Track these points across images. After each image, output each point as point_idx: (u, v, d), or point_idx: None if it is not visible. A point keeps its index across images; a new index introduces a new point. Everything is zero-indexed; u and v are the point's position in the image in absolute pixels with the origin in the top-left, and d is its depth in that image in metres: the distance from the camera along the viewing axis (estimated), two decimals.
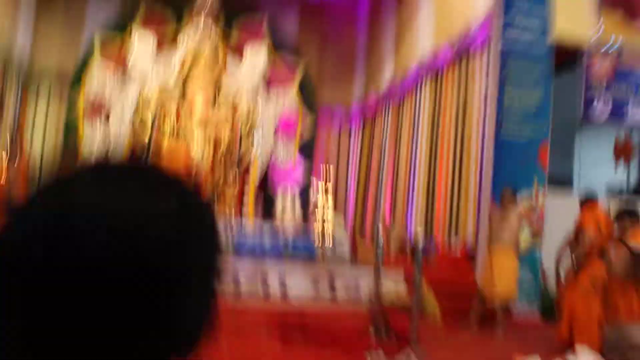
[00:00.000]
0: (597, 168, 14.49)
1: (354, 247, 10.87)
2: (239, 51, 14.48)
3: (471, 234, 10.53)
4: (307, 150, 15.46)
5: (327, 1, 17.01)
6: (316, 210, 10.09)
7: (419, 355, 5.78)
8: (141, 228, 0.61)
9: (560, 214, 8.29)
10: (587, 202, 7.38)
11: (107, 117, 13.92)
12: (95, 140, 13.92)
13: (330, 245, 10.49)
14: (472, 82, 11.08)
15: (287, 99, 14.84)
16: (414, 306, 6.27)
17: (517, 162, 9.21)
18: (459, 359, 6.05)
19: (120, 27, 14.42)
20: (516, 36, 9.54)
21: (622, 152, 11.92)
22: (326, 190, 9.72)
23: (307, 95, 15.50)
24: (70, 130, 14.49)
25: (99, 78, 13.99)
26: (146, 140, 12.68)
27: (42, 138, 15.01)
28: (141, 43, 13.95)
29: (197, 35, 13.44)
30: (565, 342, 6.30)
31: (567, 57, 9.99)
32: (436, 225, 12.11)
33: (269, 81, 15.00)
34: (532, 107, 9.45)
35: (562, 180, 15.26)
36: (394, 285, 8.65)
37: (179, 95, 12.89)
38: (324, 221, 9.65)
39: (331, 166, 16.65)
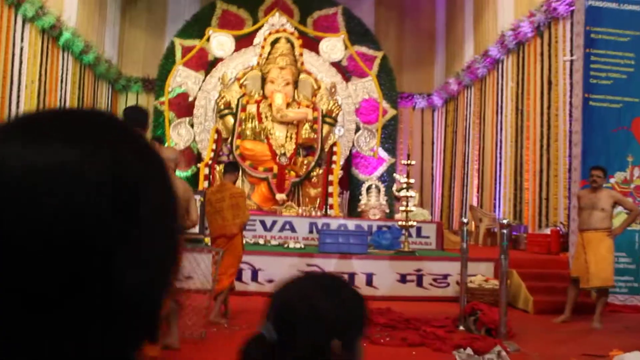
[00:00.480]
0: None
1: (441, 239, 10.65)
2: (315, 45, 14.48)
3: (563, 218, 10.10)
4: (390, 140, 15.29)
5: None
6: (401, 202, 9.93)
7: (509, 351, 5.57)
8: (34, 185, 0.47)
9: None
10: None
11: (191, 122, 14.27)
12: (181, 143, 14.31)
13: (417, 238, 10.32)
14: (556, 53, 10.61)
15: (367, 90, 14.70)
16: (502, 298, 6.04)
17: (608, 137, 8.65)
18: (553, 353, 5.78)
19: (199, 31, 14.73)
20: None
21: None
22: (410, 182, 9.51)
23: (388, 84, 15.31)
24: (159, 134, 14.98)
25: (181, 82, 14.35)
26: (229, 141, 12.87)
27: None
28: (219, 45, 14.20)
29: (273, 33, 13.52)
30: None
31: None
32: (526, 211, 11.70)
33: (348, 73, 14.92)
34: (624, 76, 8.82)
35: None
36: (483, 277, 8.40)
37: (259, 95, 13.02)
38: (408, 213, 9.46)
39: (415, 155, 16.47)
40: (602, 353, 5.42)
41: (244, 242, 7.62)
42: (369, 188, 12.58)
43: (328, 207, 12.14)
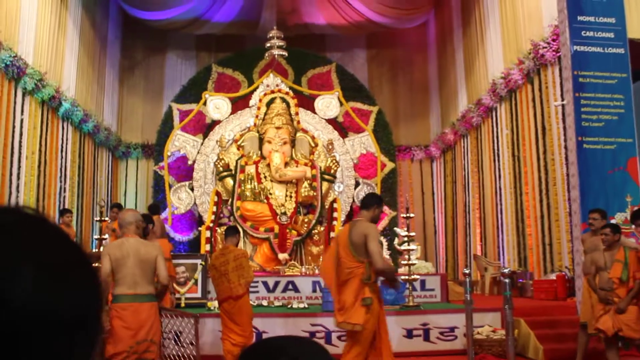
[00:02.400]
0: None
1: (445, 291, 10.52)
2: (311, 104, 14.65)
3: (568, 263, 10.00)
4: (390, 193, 15.30)
5: (395, 39, 17.04)
6: (404, 255, 9.85)
7: None
8: None
9: None
10: None
11: (191, 186, 14.33)
12: (182, 208, 14.33)
13: (421, 291, 10.21)
14: (547, 98, 10.75)
15: (365, 145, 14.80)
16: (509, 349, 5.94)
17: (605, 178, 8.64)
18: None
19: (195, 95, 14.96)
20: (588, 43, 9.04)
21: None
22: (410, 235, 9.47)
23: (385, 138, 15.41)
24: (159, 199, 15.03)
25: (179, 146, 14.49)
26: (230, 203, 12.90)
27: (134, 206, 15.65)
28: (216, 108, 14.40)
29: (269, 94, 13.70)
30: None
31: None
32: (530, 257, 11.61)
33: (345, 129, 15.04)
34: (615, 117, 8.87)
35: None
36: (490, 328, 8.27)
37: (257, 156, 13.10)
38: (411, 266, 9.38)
39: (416, 207, 16.44)
40: None
41: None
42: None
43: None
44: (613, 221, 8.32)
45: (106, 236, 9.18)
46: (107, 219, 9.88)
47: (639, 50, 9.37)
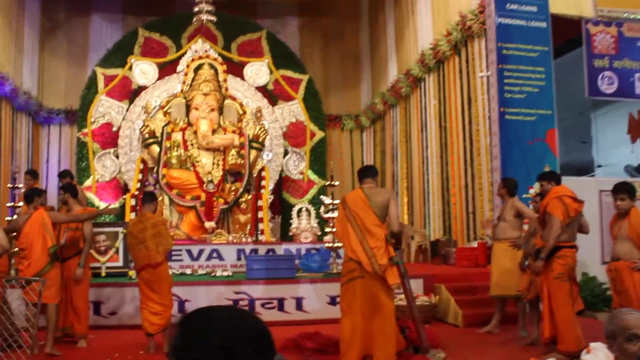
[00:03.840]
0: (616, 150, 14.06)
1: None
2: (240, 71, 14.40)
3: (489, 231, 10.24)
4: (320, 162, 15.29)
5: (328, 7, 16.89)
6: (329, 223, 9.87)
7: None
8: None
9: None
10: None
11: (116, 153, 13.93)
12: (107, 175, 13.94)
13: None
14: (474, 70, 10.91)
15: (294, 113, 14.69)
16: (415, 313, 6.09)
17: (526, 149, 8.86)
18: None
19: (121, 60, 14.45)
20: (512, 16, 9.17)
21: (637, 130, 11.52)
22: (335, 203, 9.48)
23: (315, 106, 15.34)
24: (83, 167, 14.56)
25: (104, 112, 14.02)
26: (155, 171, 12.60)
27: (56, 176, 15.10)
28: (142, 73, 13.96)
29: (196, 59, 13.36)
30: None
31: (568, 34, 9.67)
32: (454, 225, 11.86)
33: (274, 97, 14.88)
34: (536, 89, 9.09)
35: (582, 167, 14.86)
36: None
37: (184, 122, 12.80)
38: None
39: (346, 176, 16.52)
40: None
41: (171, 273, 7.44)
42: (299, 211, 12.48)
43: (259, 232, 11.99)
44: (531, 191, 8.57)
45: (20, 204, 8.82)
46: (20, 185, 9.47)
47: (561, 25, 9.58)
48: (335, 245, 9.33)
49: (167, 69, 14.33)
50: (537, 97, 8.93)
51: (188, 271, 9.92)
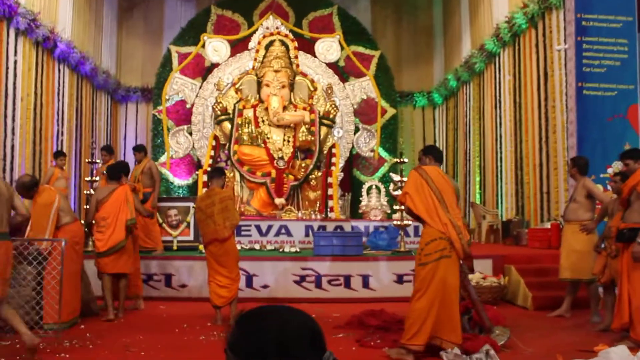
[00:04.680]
0: None
1: None
2: (311, 47, 14.35)
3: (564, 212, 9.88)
4: (391, 140, 15.14)
5: None
6: (398, 201, 9.77)
7: (500, 346, 5.43)
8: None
9: None
10: None
11: (190, 130, 14.21)
12: (181, 152, 14.26)
13: (415, 237, 10.15)
14: (551, 43, 10.47)
15: (365, 90, 14.54)
16: (472, 296, 5.92)
17: (604, 126, 8.45)
18: (543, 347, 5.62)
19: (194, 37, 14.68)
20: None
21: None
22: (404, 180, 9.36)
23: (386, 83, 15.15)
24: (158, 144, 14.98)
25: (178, 90, 14.31)
26: (227, 147, 12.78)
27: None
28: (214, 51, 14.13)
29: (267, 36, 13.41)
30: None
31: None
32: (527, 206, 11.52)
33: (345, 74, 14.79)
34: (617, 62, 8.62)
35: None
36: (481, 275, 8.24)
37: (255, 99, 12.91)
38: (404, 212, 9.30)
39: (415, 155, 16.28)
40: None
41: (240, 248, 7.57)
42: (369, 189, 12.41)
43: (328, 209, 12.00)
44: (610, 170, 8.20)
45: (97, 178, 9.15)
46: (98, 161, 9.82)
47: None
48: (404, 223, 9.23)
49: (238, 46, 14.46)
50: (619, 71, 8.47)
51: (257, 246, 10.05)
